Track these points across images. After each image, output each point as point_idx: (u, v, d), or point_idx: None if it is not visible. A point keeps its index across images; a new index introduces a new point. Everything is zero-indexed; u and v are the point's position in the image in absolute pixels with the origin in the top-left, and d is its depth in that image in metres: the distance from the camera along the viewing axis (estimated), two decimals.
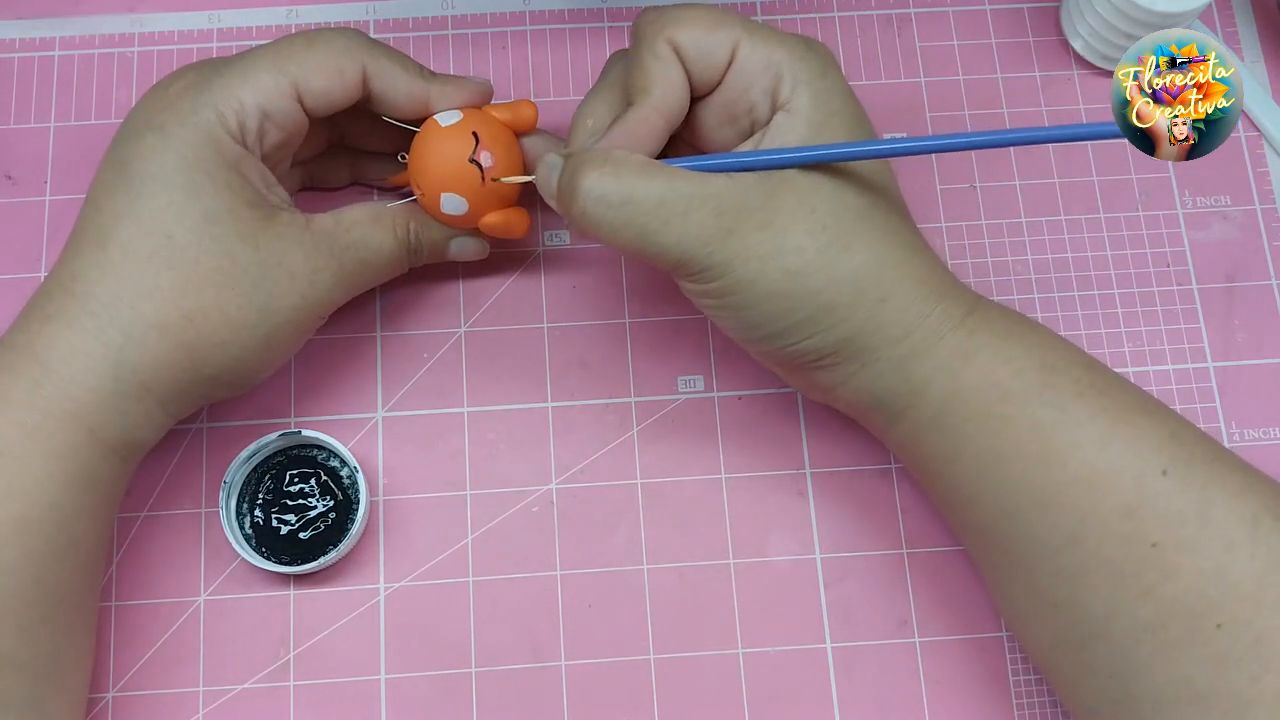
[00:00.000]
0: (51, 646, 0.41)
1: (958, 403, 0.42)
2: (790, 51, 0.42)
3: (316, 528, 0.48)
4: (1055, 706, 0.48)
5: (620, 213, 0.41)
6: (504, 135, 0.47)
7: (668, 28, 0.43)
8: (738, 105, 0.44)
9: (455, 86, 0.47)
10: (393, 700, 0.48)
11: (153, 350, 0.42)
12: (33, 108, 0.55)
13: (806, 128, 0.42)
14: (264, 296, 0.43)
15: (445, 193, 0.46)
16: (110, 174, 0.44)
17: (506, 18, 0.57)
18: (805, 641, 0.49)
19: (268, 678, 0.48)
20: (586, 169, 0.42)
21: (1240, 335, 0.53)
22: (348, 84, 0.45)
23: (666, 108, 0.43)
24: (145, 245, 0.42)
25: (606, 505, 0.50)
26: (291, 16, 0.56)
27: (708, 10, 0.43)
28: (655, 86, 0.43)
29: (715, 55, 0.43)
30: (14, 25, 0.56)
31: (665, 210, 0.41)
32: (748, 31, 0.43)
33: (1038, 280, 0.53)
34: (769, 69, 0.42)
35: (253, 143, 0.44)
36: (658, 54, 0.43)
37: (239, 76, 0.44)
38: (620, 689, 0.48)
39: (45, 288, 0.43)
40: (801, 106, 0.42)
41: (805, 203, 0.41)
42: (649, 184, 0.41)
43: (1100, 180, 0.55)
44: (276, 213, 0.44)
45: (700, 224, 0.41)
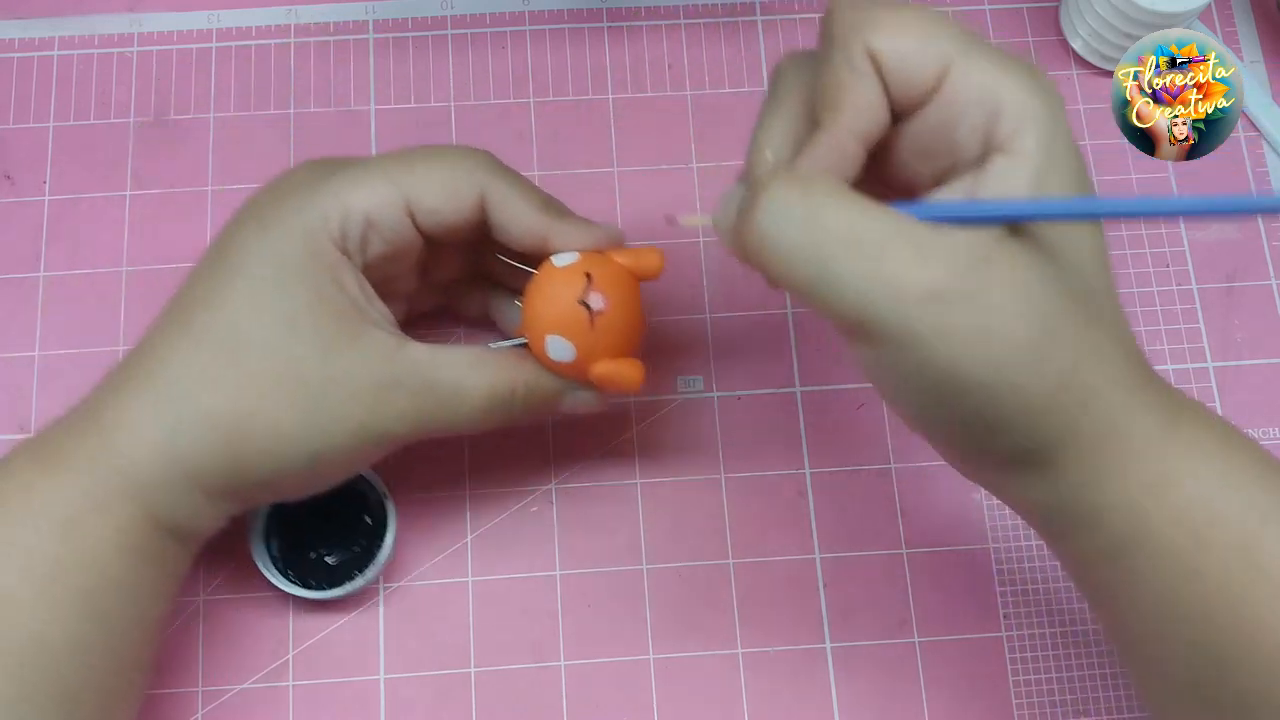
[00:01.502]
0: (109, 715, 0.41)
1: (1154, 534, 0.35)
2: (1016, 80, 0.34)
3: (342, 553, 0.48)
4: (1055, 707, 0.48)
5: (801, 236, 0.33)
6: (623, 280, 0.43)
7: (868, 30, 0.35)
8: (937, 138, 0.36)
9: (578, 228, 0.43)
10: (392, 700, 0.48)
11: (201, 443, 0.40)
12: (32, 108, 0.54)
13: (1034, 176, 0.34)
14: (319, 414, 0.41)
15: (551, 335, 0.42)
16: (209, 257, 0.43)
17: (506, 18, 0.57)
18: (805, 641, 0.49)
19: (267, 678, 0.48)
20: (774, 182, 0.34)
21: (1240, 335, 0.53)
22: (463, 206, 0.42)
23: (862, 130, 0.35)
24: (218, 335, 0.40)
25: (606, 505, 0.50)
26: (291, 16, 0.56)
27: (919, 13, 0.35)
28: (847, 103, 0.35)
29: (921, 74, 0.35)
30: (14, 25, 0.56)
31: (858, 246, 0.33)
32: (965, 48, 0.35)
33: None
34: (986, 100, 0.34)
35: (354, 250, 0.42)
36: (854, 63, 0.35)
37: (351, 180, 0.42)
38: (620, 689, 0.48)
39: (124, 361, 0.42)
40: (1027, 149, 0.34)
41: (1022, 277, 0.33)
42: (842, 211, 0.33)
43: (1100, 180, 0.55)
44: (365, 330, 0.41)
45: (897, 274, 0.33)
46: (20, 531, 0.39)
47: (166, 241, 0.53)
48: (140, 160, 0.54)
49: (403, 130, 0.55)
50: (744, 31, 0.57)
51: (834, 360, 0.52)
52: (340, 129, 0.55)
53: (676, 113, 0.55)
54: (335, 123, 0.55)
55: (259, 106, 0.55)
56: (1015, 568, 0.50)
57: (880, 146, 0.37)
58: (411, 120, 0.55)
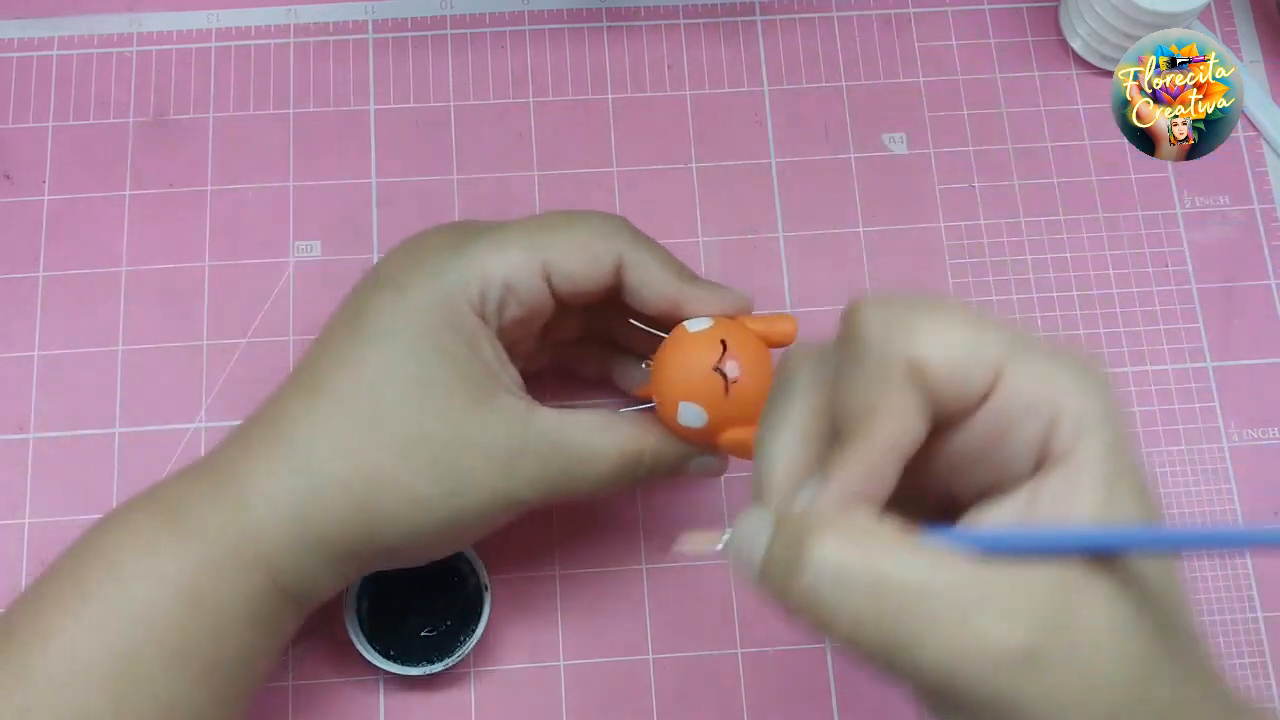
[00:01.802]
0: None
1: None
2: (1073, 381, 0.30)
3: (430, 630, 0.47)
4: None
5: (867, 601, 0.29)
6: (756, 347, 0.42)
7: (912, 337, 0.30)
8: (986, 450, 0.31)
9: (711, 293, 0.43)
10: (391, 700, 0.48)
11: (334, 507, 0.40)
12: (31, 108, 0.54)
13: (1098, 494, 0.29)
14: (453, 479, 0.40)
15: (684, 401, 0.41)
16: (342, 320, 0.43)
17: (506, 18, 0.57)
18: (805, 641, 0.49)
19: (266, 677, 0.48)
20: (818, 532, 0.30)
21: (1239, 335, 0.53)
22: (600, 271, 0.42)
23: (900, 448, 0.30)
24: (354, 400, 0.40)
25: (606, 506, 0.50)
26: (290, 16, 0.56)
27: (965, 316, 0.31)
28: (884, 419, 0.30)
29: (971, 383, 0.30)
30: (13, 25, 0.56)
31: (933, 605, 0.28)
32: (1017, 350, 0.30)
33: (1037, 280, 0.53)
34: (1043, 408, 0.30)
35: (491, 314, 0.42)
36: (888, 371, 0.30)
37: (491, 246, 0.42)
38: (619, 689, 0.48)
39: (254, 419, 0.42)
40: (1090, 465, 0.29)
41: (1117, 616, 0.29)
42: (911, 562, 0.29)
43: (1099, 180, 0.55)
44: (498, 394, 0.41)
45: (987, 635, 0.28)
46: (148, 593, 0.39)
47: (166, 241, 0.52)
48: (140, 160, 0.54)
49: (403, 130, 0.55)
50: (744, 31, 0.57)
51: None
52: (340, 129, 0.55)
53: (676, 113, 0.55)
54: (335, 122, 0.55)
55: (258, 106, 0.55)
56: None
57: (914, 458, 0.31)
58: (411, 120, 0.55)
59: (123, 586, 0.39)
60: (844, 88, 0.56)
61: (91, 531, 0.41)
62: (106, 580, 0.39)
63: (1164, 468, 0.51)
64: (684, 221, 0.54)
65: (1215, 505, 0.51)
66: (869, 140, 0.55)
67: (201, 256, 0.52)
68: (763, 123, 0.55)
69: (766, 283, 0.53)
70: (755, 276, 0.53)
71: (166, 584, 0.39)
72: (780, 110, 0.56)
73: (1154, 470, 0.51)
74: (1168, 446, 0.51)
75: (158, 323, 0.51)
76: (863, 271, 0.53)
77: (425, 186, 0.54)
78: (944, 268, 0.53)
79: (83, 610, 0.39)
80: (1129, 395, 0.52)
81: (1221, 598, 0.50)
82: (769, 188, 0.54)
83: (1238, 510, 0.51)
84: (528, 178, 0.54)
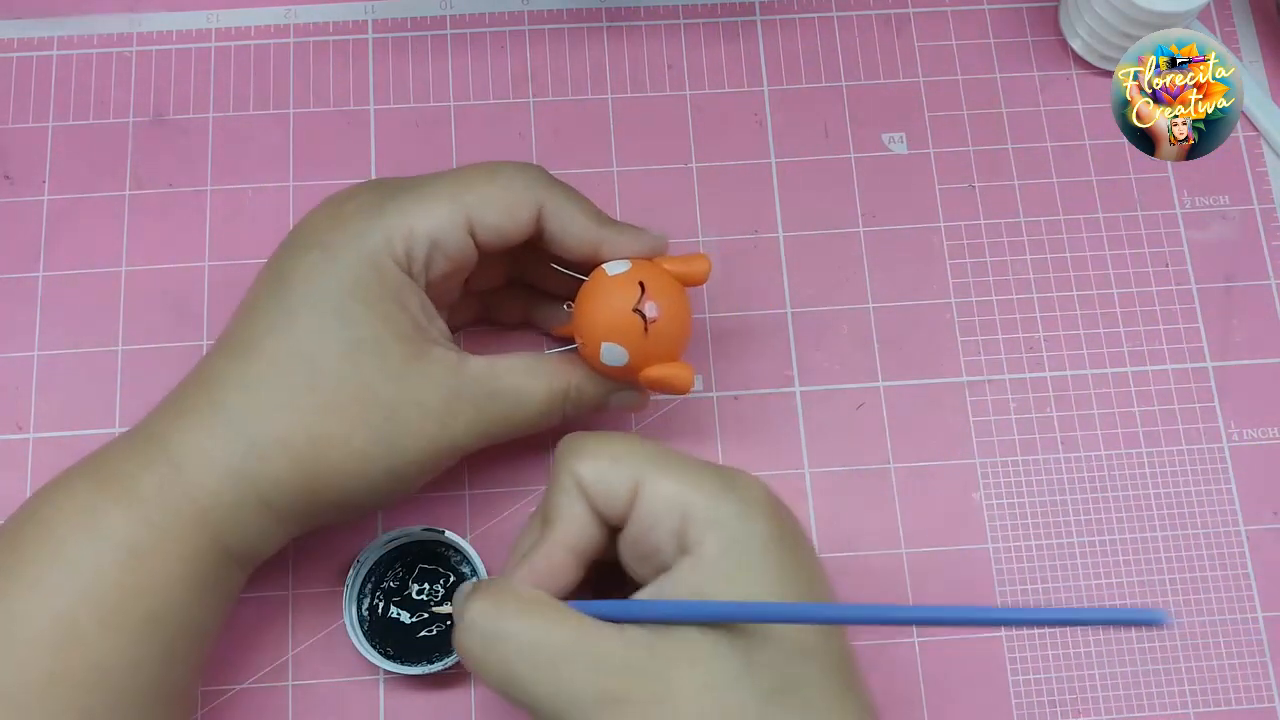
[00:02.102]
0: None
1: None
2: (702, 491, 0.38)
3: (429, 630, 0.47)
4: (1055, 707, 0.48)
5: (489, 648, 0.37)
6: (672, 288, 0.44)
7: (573, 459, 0.39)
8: (644, 544, 0.39)
9: (628, 236, 0.45)
10: (391, 700, 0.48)
11: (275, 467, 0.41)
12: (31, 108, 0.54)
13: (710, 577, 0.37)
14: (393, 432, 0.42)
15: (606, 342, 0.44)
16: (268, 284, 0.43)
17: (506, 18, 0.57)
18: None
19: (266, 678, 0.48)
20: (475, 596, 0.38)
21: (1239, 335, 0.53)
22: (521, 221, 0.44)
23: (574, 543, 0.39)
24: (288, 361, 0.41)
25: None
26: (290, 16, 0.56)
27: (612, 443, 0.40)
28: (559, 520, 0.39)
29: (616, 492, 0.39)
30: (13, 25, 0.56)
31: (536, 657, 0.37)
32: (654, 467, 0.39)
33: (1036, 280, 0.53)
34: (673, 511, 0.38)
35: (418, 271, 0.43)
36: (563, 486, 0.39)
37: (414, 202, 0.43)
38: None
39: (186, 384, 0.43)
40: (708, 554, 0.37)
41: (705, 676, 0.36)
42: (523, 623, 0.37)
43: (1100, 180, 0.55)
44: (429, 348, 0.43)
45: (573, 681, 0.36)
46: (84, 556, 0.39)
47: (166, 241, 0.53)
48: (140, 160, 0.54)
49: (403, 130, 0.55)
50: (744, 31, 0.57)
51: (834, 360, 0.52)
52: (340, 129, 0.55)
53: (676, 113, 0.56)
54: (335, 123, 0.55)
55: (258, 106, 0.55)
56: (1015, 567, 0.50)
57: (618, 554, 0.40)
58: (411, 120, 0.55)
59: (58, 547, 0.39)
60: (844, 88, 0.56)
61: (28, 501, 0.42)
62: (43, 542, 0.39)
63: (1164, 468, 0.51)
64: (684, 221, 0.54)
65: (1215, 506, 0.51)
66: (869, 140, 0.55)
67: (201, 257, 0.52)
68: (763, 123, 0.55)
69: (766, 283, 0.53)
70: (755, 276, 0.53)
71: (103, 544, 0.39)
72: (780, 110, 0.56)
73: (1154, 471, 0.51)
74: (1168, 446, 0.51)
75: (157, 323, 0.51)
76: (863, 271, 0.53)
77: None
78: (944, 268, 0.53)
79: (18, 570, 0.39)
80: (1129, 395, 0.52)
81: (1222, 598, 0.50)
82: (769, 188, 0.54)
83: (1237, 510, 0.51)
84: None
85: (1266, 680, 0.49)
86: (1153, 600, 0.49)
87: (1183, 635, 0.49)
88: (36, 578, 0.39)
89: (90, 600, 0.39)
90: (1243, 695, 0.49)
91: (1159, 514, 0.51)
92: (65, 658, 0.38)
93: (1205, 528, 0.50)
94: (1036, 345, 0.53)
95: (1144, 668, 0.49)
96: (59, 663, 0.38)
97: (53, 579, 0.39)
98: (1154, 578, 0.50)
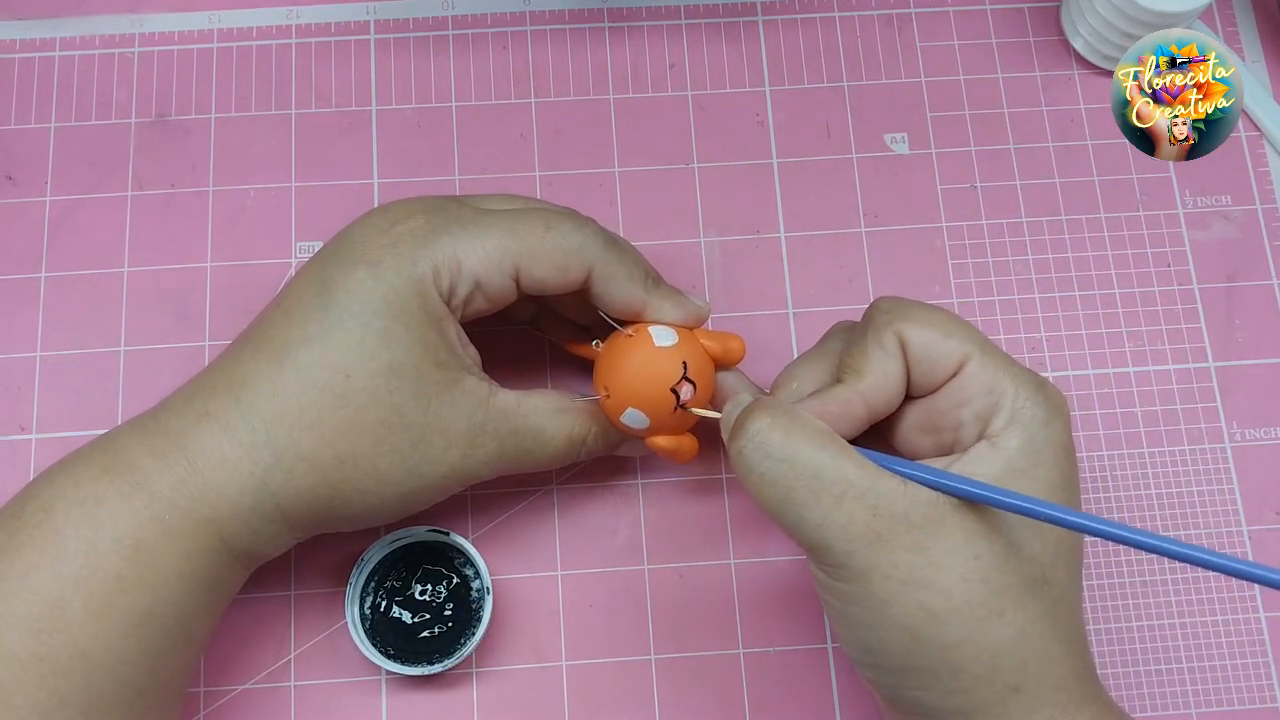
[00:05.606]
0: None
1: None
2: (1019, 386, 0.39)
3: (431, 630, 0.47)
4: None
5: (774, 468, 0.38)
6: (708, 369, 0.45)
7: (901, 321, 0.40)
8: (945, 419, 0.40)
9: (673, 303, 0.45)
10: (393, 700, 0.48)
11: (297, 481, 0.41)
12: (33, 108, 0.55)
13: (1005, 470, 0.38)
14: (417, 458, 0.42)
15: (633, 407, 0.44)
16: (311, 290, 0.43)
17: (506, 18, 0.57)
18: (805, 641, 0.49)
19: (268, 678, 0.48)
20: (762, 412, 0.39)
21: (1241, 335, 0.53)
22: (569, 280, 0.44)
23: (874, 398, 0.40)
24: (322, 377, 0.41)
25: (606, 505, 0.50)
26: (291, 17, 0.56)
27: (947, 317, 0.40)
28: (869, 374, 0.40)
29: (941, 363, 0.40)
30: (14, 25, 0.56)
31: (819, 485, 0.37)
32: (981, 350, 0.40)
33: (1038, 280, 0.53)
34: (989, 395, 0.39)
35: (456, 305, 0.43)
36: (883, 343, 0.40)
37: (467, 239, 0.43)
38: (620, 689, 0.48)
39: (211, 380, 0.43)
40: (1009, 446, 0.38)
41: (971, 545, 0.37)
42: (814, 452, 0.38)
43: (1100, 180, 0.55)
44: (462, 377, 0.43)
45: (849, 515, 0.37)
46: (83, 542, 0.39)
47: (168, 242, 0.53)
48: (141, 160, 0.54)
49: (404, 130, 0.55)
50: (744, 31, 0.57)
51: None
52: (341, 129, 0.55)
53: (678, 113, 0.56)
54: (336, 123, 0.55)
55: (260, 107, 0.55)
56: None
57: (896, 417, 0.41)
58: (413, 120, 0.55)
59: (56, 533, 0.39)
60: (845, 88, 0.56)
61: (34, 482, 0.42)
62: (40, 526, 0.40)
63: (1165, 468, 0.51)
64: (685, 221, 0.54)
65: (1216, 505, 0.51)
66: (870, 140, 0.55)
67: (203, 257, 0.52)
68: (764, 123, 0.55)
69: (768, 283, 0.53)
70: (757, 276, 0.53)
71: (103, 533, 0.39)
72: (782, 110, 0.56)
73: (1156, 470, 0.51)
74: (1169, 446, 0.51)
75: (159, 324, 0.51)
76: (864, 271, 0.53)
77: (427, 187, 0.54)
78: (945, 268, 0.53)
79: (13, 555, 0.39)
80: (1131, 395, 0.52)
81: (1223, 598, 0.50)
82: (770, 188, 0.54)
83: (1239, 510, 0.51)
84: (529, 178, 0.54)
85: (1269, 680, 0.49)
86: (1153, 600, 0.49)
87: (1185, 635, 0.49)
88: (30, 561, 0.39)
89: (84, 589, 0.39)
90: (1245, 695, 0.49)
91: (1161, 514, 0.51)
92: (50, 641, 0.38)
93: (1207, 527, 0.50)
94: (1038, 345, 0.53)
95: (1146, 667, 0.49)
96: (43, 645, 0.38)
97: (45, 565, 0.39)
98: (1156, 578, 0.50)
